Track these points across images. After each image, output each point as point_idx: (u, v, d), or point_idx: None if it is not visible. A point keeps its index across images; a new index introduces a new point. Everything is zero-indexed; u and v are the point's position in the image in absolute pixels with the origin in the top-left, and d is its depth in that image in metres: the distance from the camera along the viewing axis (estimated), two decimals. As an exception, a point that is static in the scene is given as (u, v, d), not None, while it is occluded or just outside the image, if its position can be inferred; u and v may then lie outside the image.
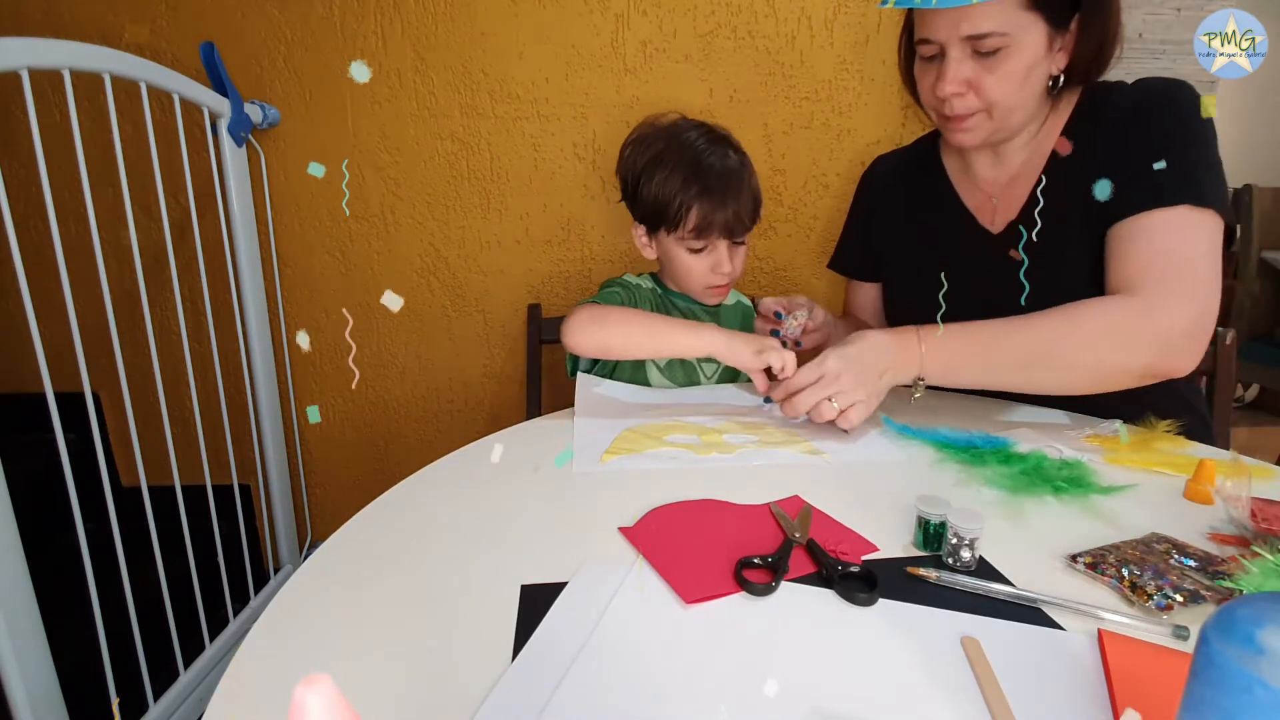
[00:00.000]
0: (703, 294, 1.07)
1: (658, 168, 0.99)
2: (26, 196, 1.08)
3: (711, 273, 1.02)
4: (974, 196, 0.99)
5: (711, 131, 1.03)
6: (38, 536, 0.94)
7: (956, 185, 1.01)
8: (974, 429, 0.81)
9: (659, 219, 1.01)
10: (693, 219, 0.97)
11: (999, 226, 0.96)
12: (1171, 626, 0.48)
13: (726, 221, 0.97)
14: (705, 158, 0.98)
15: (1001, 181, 0.96)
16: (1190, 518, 0.63)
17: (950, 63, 0.83)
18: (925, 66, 0.89)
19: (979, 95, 0.84)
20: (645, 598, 0.51)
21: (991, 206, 0.97)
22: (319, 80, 1.37)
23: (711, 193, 0.97)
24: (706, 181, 0.97)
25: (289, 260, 1.48)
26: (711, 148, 1.00)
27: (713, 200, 0.97)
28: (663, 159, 0.99)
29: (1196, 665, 0.28)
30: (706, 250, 1.01)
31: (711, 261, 1.01)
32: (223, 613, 1.37)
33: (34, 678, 0.92)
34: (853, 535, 0.60)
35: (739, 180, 0.99)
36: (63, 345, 0.95)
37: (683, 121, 1.04)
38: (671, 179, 0.98)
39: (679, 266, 1.04)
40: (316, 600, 0.52)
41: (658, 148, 1.01)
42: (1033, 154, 0.94)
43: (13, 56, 0.87)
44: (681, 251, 1.02)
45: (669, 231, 1.00)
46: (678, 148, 1.00)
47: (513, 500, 0.67)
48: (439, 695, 0.43)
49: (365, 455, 1.61)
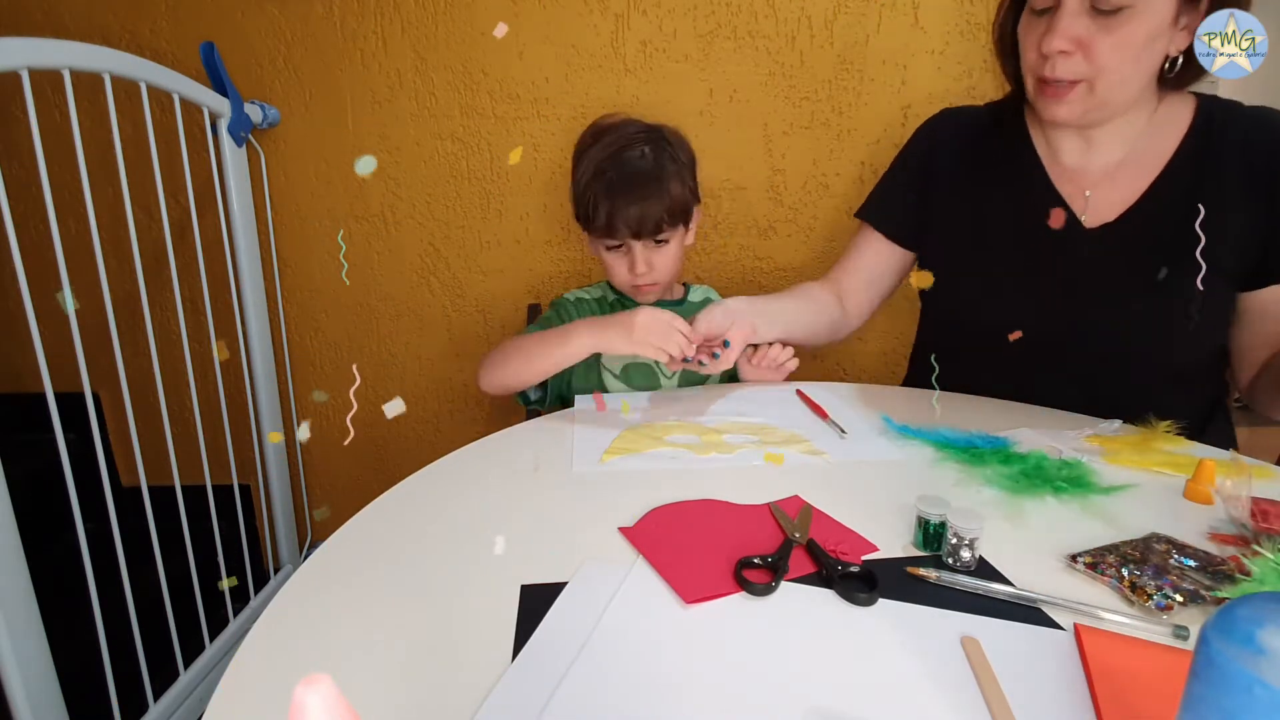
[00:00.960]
0: (632, 293, 1.06)
1: (580, 165, 1.00)
2: (26, 196, 1.08)
3: (629, 272, 1.01)
4: (1065, 185, 0.90)
5: (647, 130, 1.02)
6: (38, 536, 0.94)
7: (1047, 168, 0.91)
8: (974, 429, 0.81)
9: (579, 217, 1.01)
10: (600, 217, 0.97)
11: (1091, 224, 0.88)
12: (1171, 626, 0.48)
13: (628, 221, 0.96)
14: (619, 156, 0.98)
15: (1091, 174, 0.89)
16: (1190, 518, 0.63)
17: (1064, 14, 0.75)
18: (1034, 20, 0.80)
19: (1088, 59, 0.76)
20: (645, 598, 0.51)
21: (1083, 199, 0.88)
22: (319, 80, 1.37)
23: (615, 191, 0.96)
24: (613, 180, 0.96)
25: (289, 260, 1.48)
26: (630, 148, 0.98)
27: (615, 199, 0.96)
28: (587, 155, 1.00)
29: (1196, 665, 0.28)
30: (622, 249, 1.00)
31: (629, 260, 1.00)
32: (223, 613, 1.37)
33: (34, 678, 0.92)
34: (853, 535, 0.60)
35: (650, 179, 0.97)
36: (63, 345, 0.95)
37: (624, 121, 1.04)
38: (584, 176, 0.98)
39: (605, 266, 1.04)
40: (316, 600, 0.52)
41: (587, 145, 1.01)
42: (1138, 154, 0.87)
43: (13, 56, 0.87)
44: (602, 250, 1.02)
45: (586, 230, 1.01)
46: (601, 145, 1.00)
47: (513, 500, 0.67)
48: (439, 695, 0.43)
49: (365, 455, 1.61)
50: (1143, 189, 0.86)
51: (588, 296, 1.10)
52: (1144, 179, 0.86)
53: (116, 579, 1.05)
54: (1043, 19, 0.79)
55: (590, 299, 1.10)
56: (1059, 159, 0.91)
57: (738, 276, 1.48)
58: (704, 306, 1.15)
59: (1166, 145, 0.86)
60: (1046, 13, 0.78)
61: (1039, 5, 0.79)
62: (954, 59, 1.34)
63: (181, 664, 1.20)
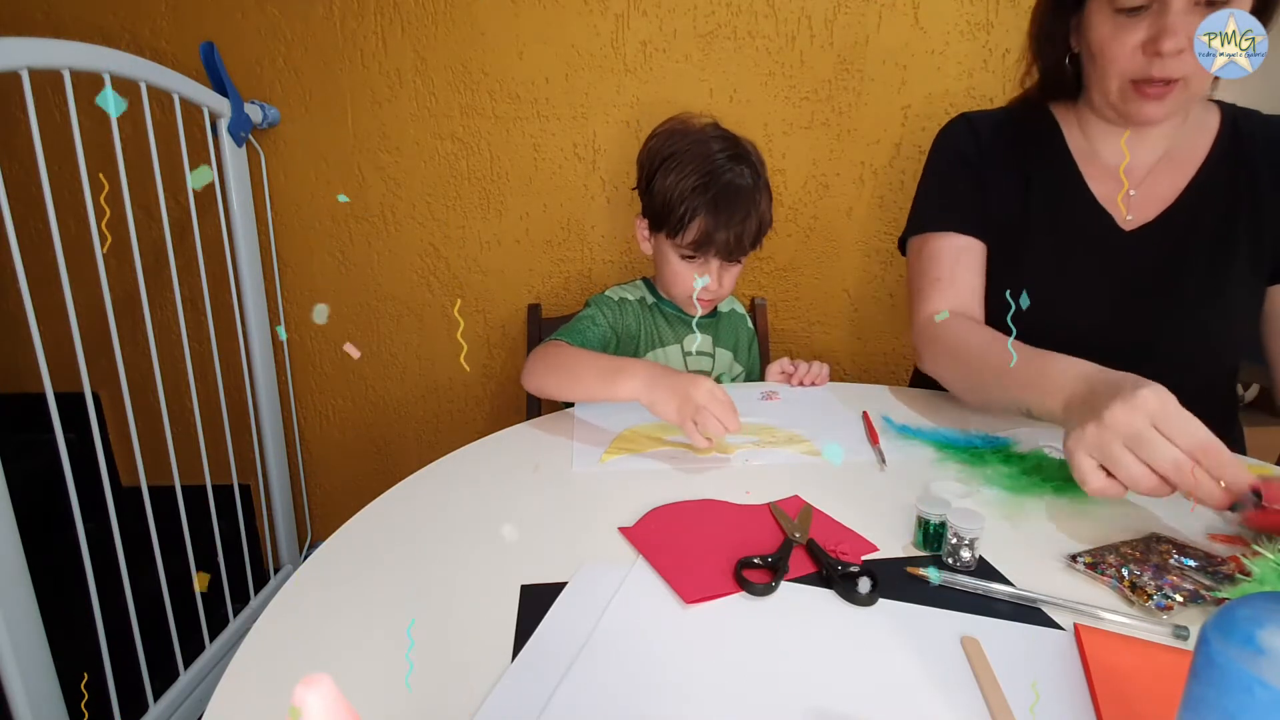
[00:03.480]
0: (686, 303, 1.06)
1: (674, 167, 0.98)
2: (26, 196, 1.08)
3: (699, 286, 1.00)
4: (1102, 184, 0.89)
5: (738, 146, 1.01)
6: (38, 536, 0.94)
7: (1082, 168, 0.90)
8: (974, 429, 0.81)
9: (662, 221, 1.00)
10: (693, 232, 0.96)
11: (1132, 225, 0.87)
12: (1171, 626, 0.48)
13: (726, 242, 0.96)
14: (722, 172, 0.96)
15: (1135, 173, 0.88)
16: (1190, 518, 0.63)
17: (1174, 14, 0.73)
18: (1124, 20, 0.77)
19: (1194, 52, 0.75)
20: (645, 598, 0.51)
21: (1126, 198, 0.88)
22: (319, 80, 1.37)
23: (718, 209, 0.95)
24: (715, 196, 0.95)
25: (289, 260, 1.48)
26: (731, 164, 0.98)
27: (717, 217, 0.95)
28: (680, 159, 0.98)
29: (1196, 665, 0.28)
30: (699, 262, 1.00)
31: (701, 273, 1.00)
32: (223, 613, 1.37)
33: (34, 678, 0.92)
34: (853, 535, 0.60)
35: (748, 201, 0.97)
36: (63, 345, 0.95)
37: (713, 128, 1.03)
38: (683, 183, 0.96)
39: (668, 270, 1.03)
40: (316, 600, 0.52)
41: (680, 146, 0.99)
42: (1174, 152, 0.87)
43: (13, 56, 0.87)
44: (674, 257, 1.01)
45: (669, 236, 1.00)
46: (699, 154, 0.98)
47: (513, 500, 0.67)
48: (439, 695, 0.43)
49: (365, 455, 1.61)
50: (1180, 188, 0.86)
51: (630, 297, 1.08)
52: (1181, 178, 0.87)
53: (116, 579, 1.05)
54: (1136, 19, 0.77)
55: (632, 300, 1.08)
56: (1098, 157, 0.90)
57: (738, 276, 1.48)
58: (730, 315, 1.16)
59: (1200, 146, 0.87)
60: (1137, 12, 0.76)
61: (1128, 4, 0.76)
62: (954, 59, 1.34)
63: (181, 664, 1.20)
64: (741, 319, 1.18)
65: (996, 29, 1.32)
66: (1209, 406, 0.78)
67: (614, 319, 1.03)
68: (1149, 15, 0.76)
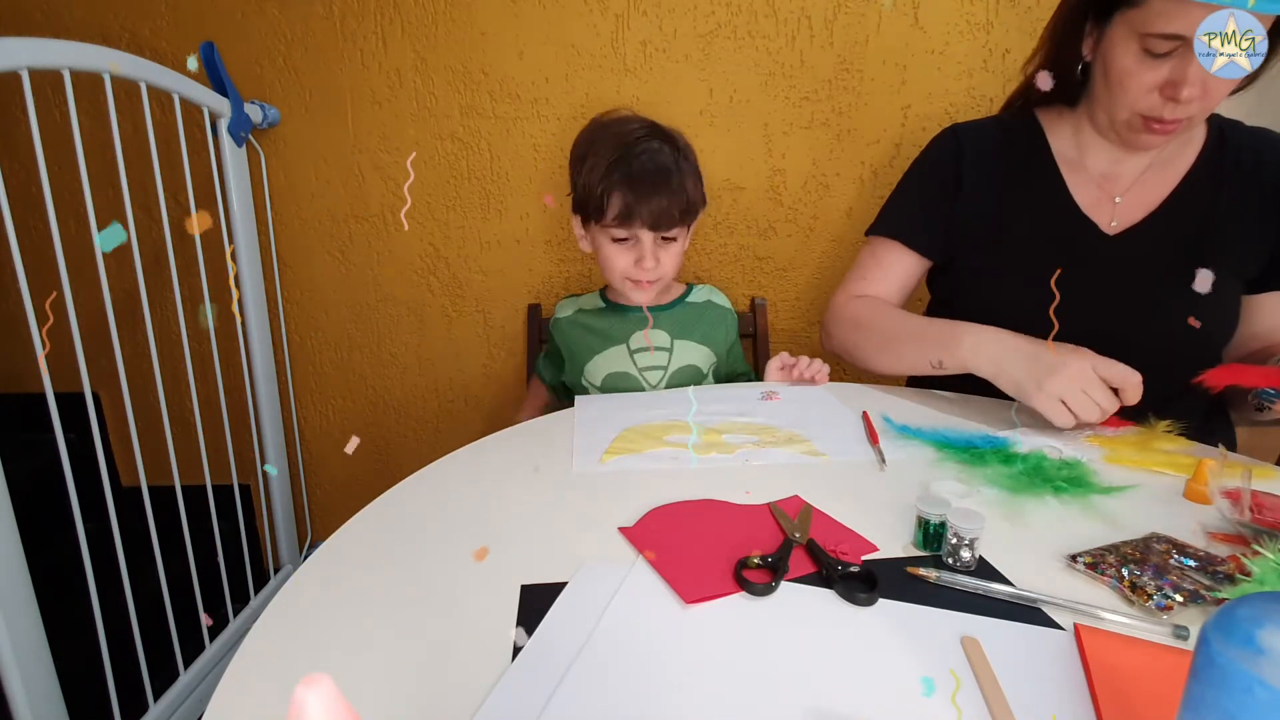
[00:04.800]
0: (625, 287, 1.05)
1: (589, 156, 1.00)
2: (26, 196, 1.08)
3: (634, 266, 1.00)
4: (1087, 192, 0.93)
5: (654, 128, 1.03)
6: (38, 536, 0.94)
7: (1065, 175, 0.94)
8: (974, 429, 0.81)
9: (586, 207, 1.01)
10: (615, 207, 0.97)
11: (1116, 229, 0.91)
12: (1171, 626, 0.48)
13: (649, 211, 0.96)
14: (634, 149, 0.98)
15: (1122, 180, 0.92)
16: (1190, 518, 0.63)
17: (1195, 64, 0.76)
18: (1150, 61, 0.80)
19: (1205, 97, 0.79)
20: (645, 598, 0.51)
21: (1111, 205, 0.92)
22: (319, 80, 1.37)
23: (635, 181, 0.96)
24: (630, 170, 0.96)
25: (289, 260, 1.48)
26: (645, 141, 0.99)
27: (635, 189, 0.96)
28: (595, 148, 1.00)
29: (1196, 665, 0.28)
30: (630, 242, 1.00)
31: (635, 254, 1.00)
32: (223, 613, 1.37)
33: (34, 678, 0.92)
34: (853, 535, 0.60)
35: (667, 173, 0.98)
36: (63, 345, 0.95)
37: (629, 117, 1.05)
38: (598, 166, 0.98)
39: (603, 259, 1.04)
40: (316, 600, 0.52)
41: (598, 136, 1.01)
42: (1162, 162, 0.91)
43: (13, 56, 0.87)
44: (606, 242, 1.02)
45: (596, 221, 1.01)
46: (611, 137, 1.00)
47: (513, 500, 0.67)
48: (439, 695, 0.43)
49: (365, 455, 1.61)
50: (1165, 194, 0.90)
51: (562, 315, 1.11)
52: (1166, 185, 0.90)
53: (116, 579, 1.05)
54: (1161, 61, 0.79)
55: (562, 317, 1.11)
56: (1085, 165, 0.94)
57: (738, 276, 1.48)
58: (705, 307, 1.15)
59: (1187, 154, 0.91)
60: (1164, 56, 0.79)
61: (1160, 49, 0.78)
62: (954, 59, 1.34)
63: (181, 664, 1.20)
64: (724, 312, 1.18)
65: (996, 29, 1.32)
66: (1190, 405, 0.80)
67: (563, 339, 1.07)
68: (1172, 58, 0.78)
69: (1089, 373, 0.76)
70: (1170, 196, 0.90)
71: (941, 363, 0.89)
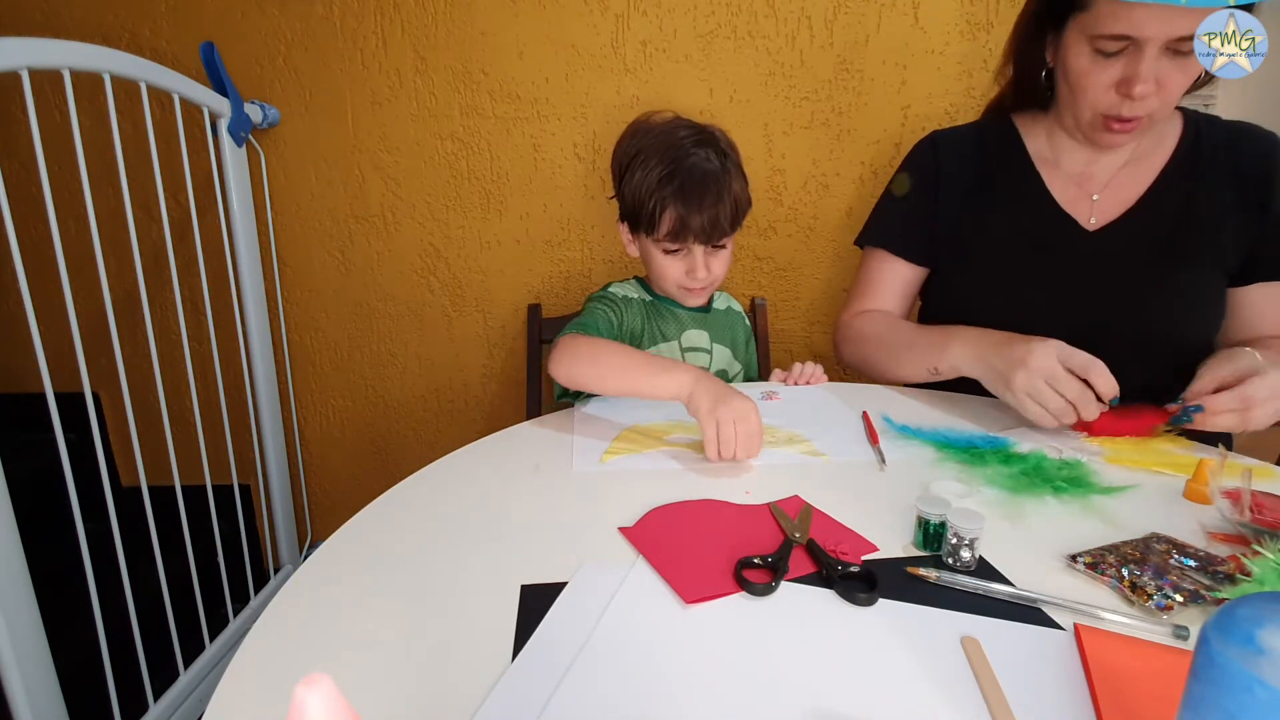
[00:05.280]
0: (679, 295, 1.05)
1: (639, 166, 0.98)
2: (26, 196, 1.08)
3: (686, 276, 1.00)
4: (1065, 190, 0.94)
5: (702, 132, 1.01)
6: (38, 536, 0.94)
7: (1043, 174, 0.96)
8: (974, 429, 0.81)
9: (637, 220, 1.00)
10: (666, 223, 0.96)
11: (1096, 225, 0.92)
12: (1171, 626, 0.48)
13: (701, 226, 0.95)
14: (685, 159, 0.96)
15: (1097, 179, 0.93)
16: (1190, 518, 0.63)
17: (1147, 60, 0.78)
18: (1102, 61, 0.82)
19: (1162, 94, 0.81)
20: (645, 598, 0.51)
21: (1089, 203, 0.93)
22: (319, 80, 1.37)
23: (687, 196, 0.95)
24: (682, 184, 0.95)
25: (289, 260, 1.48)
26: (695, 149, 0.97)
27: (688, 204, 0.95)
28: (644, 157, 0.98)
29: (1196, 665, 0.28)
30: (682, 253, 0.99)
31: (686, 265, 0.99)
32: (223, 613, 1.37)
33: (34, 678, 0.92)
34: (853, 535, 0.60)
35: (718, 184, 0.96)
36: (63, 345, 0.95)
37: (674, 120, 1.03)
38: (648, 179, 0.96)
39: (655, 268, 1.03)
40: (316, 600, 0.52)
41: (644, 142, 1.00)
42: (1138, 158, 0.92)
43: (13, 56, 0.87)
44: (657, 253, 1.00)
45: (647, 234, 0.99)
46: (661, 147, 0.98)
47: (513, 500, 0.67)
48: (439, 695, 0.43)
49: (365, 455, 1.61)
50: (1142, 190, 0.91)
51: (632, 295, 1.07)
52: (1143, 181, 0.92)
53: (116, 579, 1.05)
54: (1113, 61, 0.82)
55: (634, 297, 1.07)
56: (1061, 165, 0.95)
57: (738, 276, 1.48)
58: (726, 312, 1.15)
59: (1163, 150, 0.92)
60: (1115, 55, 0.81)
61: (1110, 49, 0.81)
62: (954, 59, 1.34)
63: (181, 664, 1.20)
64: (738, 316, 1.18)
65: (996, 29, 1.32)
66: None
67: (620, 317, 1.02)
68: (1123, 57, 0.81)
69: (1053, 365, 0.75)
70: (1147, 193, 0.91)
71: (936, 369, 0.90)
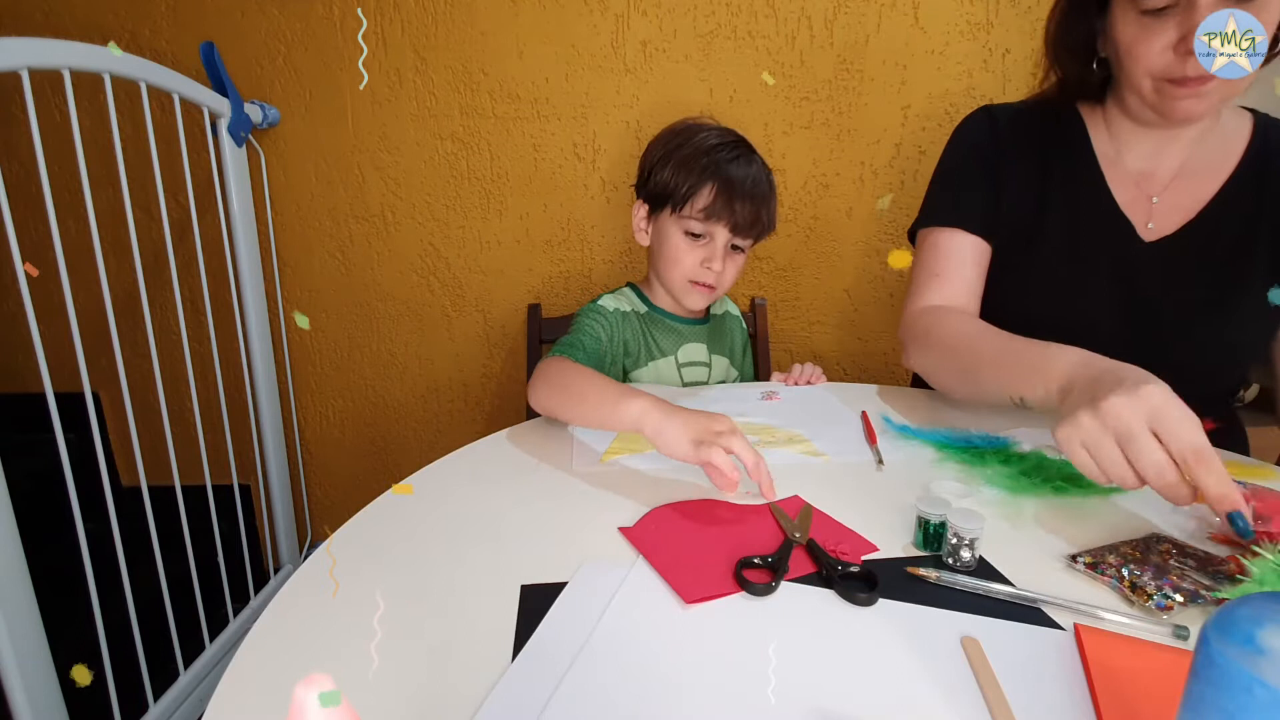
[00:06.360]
0: (684, 289, 1.03)
1: (689, 144, 0.98)
2: (26, 196, 1.08)
3: (700, 266, 0.99)
4: (1125, 190, 0.87)
5: (745, 141, 1.03)
6: (38, 536, 0.94)
7: (1105, 172, 0.88)
8: (974, 429, 0.81)
9: (669, 195, 0.99)
10: (704, 196, 0.96)
11: (1154, 235, 0.85)
12: (1171, 626, 0.48)
13: (741, 210, 0.96)
14: (730, 152, 0.98)
15: (1159, 179, 0.86)
16: (1190, 518, 0.63)
17: (1201, 11, 0.71)
18: (1148, 21, 0.75)
19: None
20: (645, 598, 0.51)
21: (1148, 205, 0.86)
22: (319, 80, 1.38)
23: (731, 181, 0.95)
24: (728, 170, 0.96)
25: (289, 260, 1.48)
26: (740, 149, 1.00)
27: (730, 188, 0.95)
28: (685, 145, 0.99)
29: (1196, 665, 0.28)
30: (704, 240, 0.99)
31: (705, 253, 0.99)
32: (223, 613, 1.37)
33: (34, 678, 0.92)
34: (853, 535, 0.60)
35: (760, 183, 0.98)
36: (63, 345, 0.95)
37: (715, 125, 1.04)
38: (693, 160, 0.97)
39: (669, 251, 1.01)
40: (316, 600, 0.52)
41: (686, 138, 1.00)
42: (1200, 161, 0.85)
43: (13, 56, 0.87)
44: (678, 234, 0.99)
45: (675, 209, 0.98)
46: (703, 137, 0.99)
47: (513, 500, 0.67)
48: (439, 695, 0.43)
49: (365, 455, 1.61)
50: (1205, 199, 0.85)
51: (626, 309, 1.05)
52: (1207, 189, 0.85)
53: (116, 579, 1.05)
54: (1164, 21, 0.75)
55: (628, 311, 1.05)
56: (1122, 162, 0.88)
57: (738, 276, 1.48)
58: (724, 318, 1.15)
59: (1229, 155, 0.85)
60: (1163, 12, 0.75)
61: (1153, 6, 0.74)
62: (954, 59, 1.34)
63: (181, 664, 1.20)
64: (736, 321, 1.18)
65: (996, 29, 1.32)
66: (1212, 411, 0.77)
67: (610, 331, 1.00)
68: (1176, 14, 0.74)
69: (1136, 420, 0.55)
70: (1211, 202, 0.84)
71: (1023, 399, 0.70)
